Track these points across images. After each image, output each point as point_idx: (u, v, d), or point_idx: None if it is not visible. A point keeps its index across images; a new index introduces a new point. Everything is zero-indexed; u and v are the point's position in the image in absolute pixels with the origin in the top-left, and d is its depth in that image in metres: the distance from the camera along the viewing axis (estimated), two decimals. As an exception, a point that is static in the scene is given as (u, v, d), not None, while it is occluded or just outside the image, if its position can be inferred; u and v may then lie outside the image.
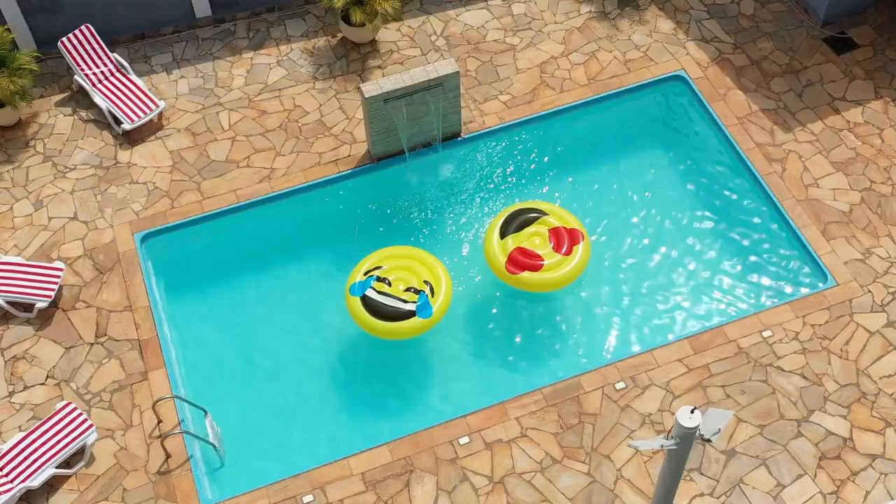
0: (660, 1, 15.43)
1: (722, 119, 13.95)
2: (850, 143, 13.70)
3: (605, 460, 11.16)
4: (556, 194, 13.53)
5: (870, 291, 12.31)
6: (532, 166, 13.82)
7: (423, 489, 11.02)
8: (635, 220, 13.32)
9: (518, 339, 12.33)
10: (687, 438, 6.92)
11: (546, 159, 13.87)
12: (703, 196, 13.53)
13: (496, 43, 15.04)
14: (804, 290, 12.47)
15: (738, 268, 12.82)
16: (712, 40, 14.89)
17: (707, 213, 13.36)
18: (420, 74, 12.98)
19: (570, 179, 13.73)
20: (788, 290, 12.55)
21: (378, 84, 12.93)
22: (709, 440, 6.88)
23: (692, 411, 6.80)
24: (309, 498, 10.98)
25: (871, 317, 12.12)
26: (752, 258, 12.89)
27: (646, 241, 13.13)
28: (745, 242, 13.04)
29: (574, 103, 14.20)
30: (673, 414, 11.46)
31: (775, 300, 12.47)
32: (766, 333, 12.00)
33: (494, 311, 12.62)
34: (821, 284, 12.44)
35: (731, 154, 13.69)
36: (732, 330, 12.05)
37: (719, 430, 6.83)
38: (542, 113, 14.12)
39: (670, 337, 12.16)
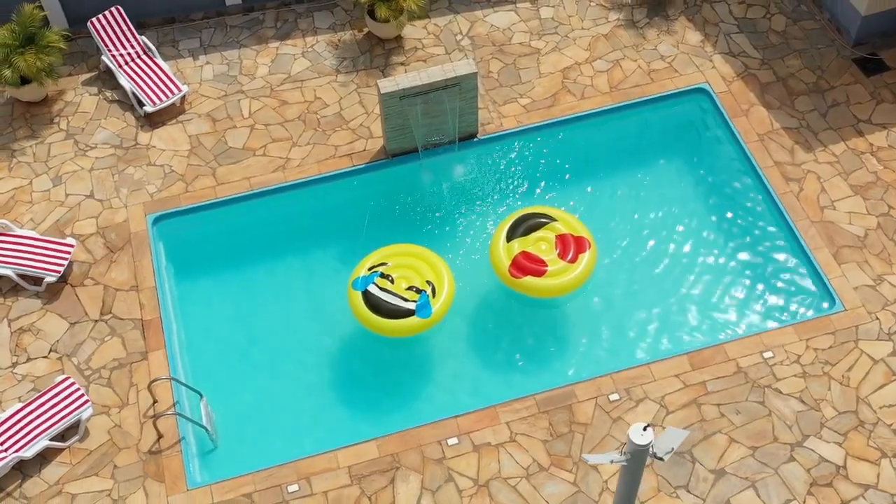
0: (690, 12, 15.28)
1: (742, 135, 13.78)
2: (871, 166, 13.46)
3: (591, 471, 11.09)
4: (567, 201, 13.47)
5: (877, 319, 12.10)
6: (546, 171, 13.77)
7: (407, 487, 11.05)
8: (645, 231, 13.21)
9: (516, 344, 12.30)
10: (638, 455, 6.86)
11: (561, 165, 13.81)
12: (716, 211, 13.38)
13: (521, 46, 15.00)
14: (810, 313, 12.29)
15: (745, 286, 12.67)
16: (740, 55, 14.71)
17: (718, 230, 13.22)
18: (437, 73, 12.99)
19: (582, 187, 13.67)
20: (794, 311, 12.38)
21: (395, 80, 12.96)
22: (661, 458, 6.83)
23: (644, 429, 6.74)
24: (294, 487, 11.05)
25: (876, 344, 11.90)
26: (760, 277, 12.73)
27: (654, 254, 13.02)
28: (755, 261, 12.88)
29: (594, 110, 14.13)
30: (665, 429, 11.34)
31: (780, 321, 12.30)
32: (768, 354, 11.84)
33: (495, 313, 12.60)
34: (828, 308, 12.25)
35: (748, 171, 13.52)
36: (733, 348, 11.91)
37: (672, 448, 6.77)
38: (561, 118, 14.07)
39: (669, 351, 12.04)
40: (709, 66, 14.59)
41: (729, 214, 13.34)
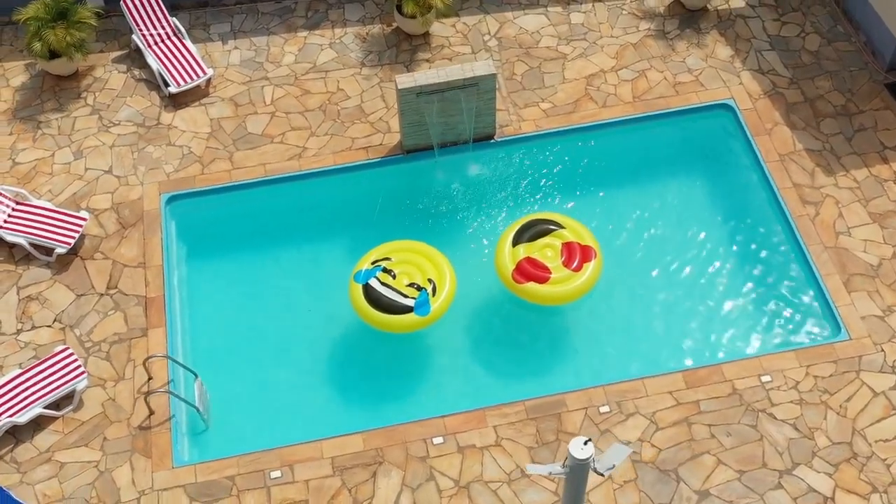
0: (723, 26, 15.07)
1: (763, 154, 13.56)
2: (893, 194, 13.16)
3: (574, 482, 11.01)
4: (578, 209, 13.35)
5: (883, 350, 11.84)
6: (560, 178, 13.68)
7: (388, 482, 11.06)
8: (654, 244, 13.07)
9: (512, 348, 12.24)
10: (578, 469, 6.79)
11: (575, 172, 13.71)
12: (728, 230, 13.19)
13: (548, 49, 14.92)
14: (814, 340, 12.06)
15: (750, 307, 12.47)
16: (769, 72, 14.47)
17: (729, 248, 13.03)
18: (456, 72, 12.98)
19: (595, 195, 13.55)
20: (797, 337, 12.16)
21: (413, 77, 12.97)
22: (602, 474, 6.76)
23: (585, 443, 6.68)
24: (276, 474, 11.13)
25: (879, 376, 11.65)
26: (766, 299, 12.52)
27: (660, 267, 12.87)
28: (762, 282, 12.67)
29: (614, 119, 14.01)
30: (653, 445, 11.24)
31: (781, 345, 12.10)
32: (765, 378, 11.65)
33: (495, 317, 12.56)
34: (833, 336, 12.02)
35: (765, 191, 13.31)
36: (731, 369, 11.74)
37: (614, 465, 6.70)
38: (580, 125, 13.97)
39: (665, 367, 11.88)
40: (736, 82, 14.37)
41: (741, 233, 13.14)
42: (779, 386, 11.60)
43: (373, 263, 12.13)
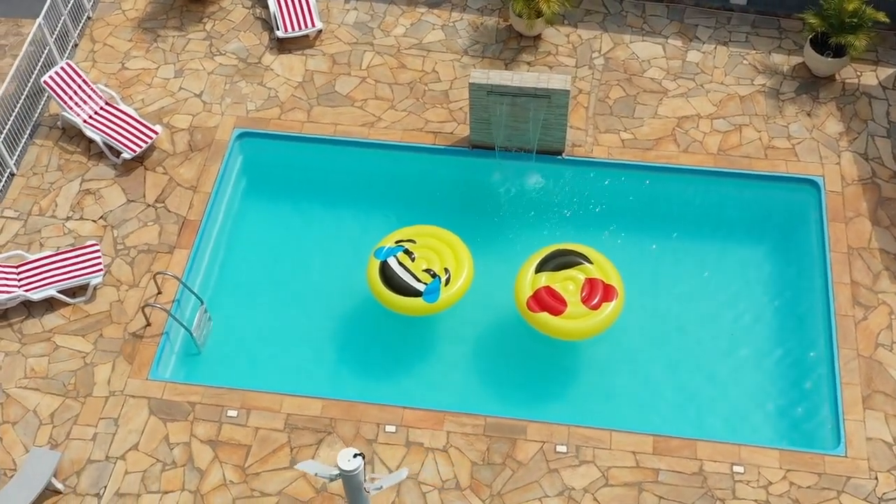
0: (843, 101, 14.12)
1: (832, 242, 12.68)
2: (957, 321, 12.04)
3: (503, 509, 10.86)
4: (616, 248, 12.90)
5: (876, 478, 10.92)
6: (612, 211, 13.29)
7: (329, 453, 11.24)
8: (682, 302, 12.52)
9: (500, 362, 12.11)
10: (346, 479, 6.69)
11: (629, 210, 13.29)
12: (766, 309, 12.45)
13: (651, 81, 14.45)
14: (805, 445, 11.25)
15: (753, 391, 11.77)
16: (873, 159, 13.47)
17: (759, 327, 12.30)
18: (530, 80, 12.84)
19: (639, 239, 13.10)
20: (788, 436, 11.39)
21: (487, 74, 12.93)
22: (368, 491, 6.64)
23: (354, 455, 6.58)
24: (233, 413, 11.53)
25: (860, 504, 10.79)
26: (773, 389, 11.79)
27: (681, 327, 12.33)
28: (778, 370, 11.94)
29: (688, 167, 13.46)
30: (595, 499, 10.88)
31: (768, 440, 11.36)
32: (738, 468, 11.00)
33: (498, 327, 12.43)
34: (828, 447, 11.18)
35: (819, 280, 12.45)
36: (705, 449, 11.16)
37: (381, 486, 6.57)
38: (652, 164, 13.51)
39: (638, 426, 11.40)
40: (833, 160, 13.47)
41: (777, 316, 12.39)
42: (749, 481, 10.94)
43: (396, 242, 12.25)
